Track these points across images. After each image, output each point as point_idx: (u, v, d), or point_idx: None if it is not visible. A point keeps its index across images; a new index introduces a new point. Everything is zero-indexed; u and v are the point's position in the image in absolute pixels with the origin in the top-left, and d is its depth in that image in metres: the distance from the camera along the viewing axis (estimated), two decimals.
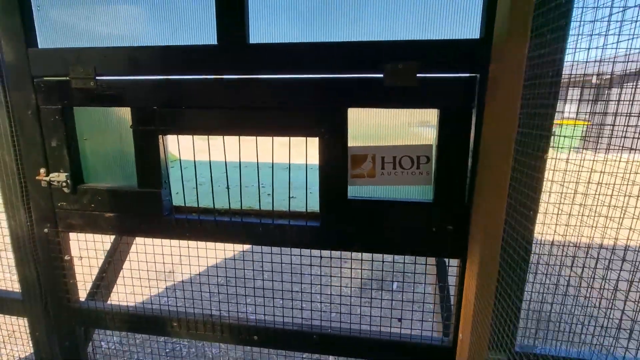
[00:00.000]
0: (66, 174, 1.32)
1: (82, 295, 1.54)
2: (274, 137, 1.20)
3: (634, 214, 1.01)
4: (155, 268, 1.44)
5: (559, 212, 1.11)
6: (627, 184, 1.05)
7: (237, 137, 1.23)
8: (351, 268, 1.41)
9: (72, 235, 1.45)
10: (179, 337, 1.42)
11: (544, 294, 1.10)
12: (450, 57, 1.05)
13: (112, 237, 1.76)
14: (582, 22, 0.96)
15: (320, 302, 1.28)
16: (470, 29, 1.08)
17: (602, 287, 0.99)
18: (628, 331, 1.04)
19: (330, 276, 1.28)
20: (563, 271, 1.12)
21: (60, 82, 1.24)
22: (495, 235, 0.93)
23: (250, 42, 1.16)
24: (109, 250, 1.62)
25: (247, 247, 1.34)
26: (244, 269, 1.34)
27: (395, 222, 1.17)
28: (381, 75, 1.08)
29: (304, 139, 1.18)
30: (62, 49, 1.24)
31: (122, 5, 1.25)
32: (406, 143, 1.18)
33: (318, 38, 1.16)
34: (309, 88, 1.13)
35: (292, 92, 1.14)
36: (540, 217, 1.14)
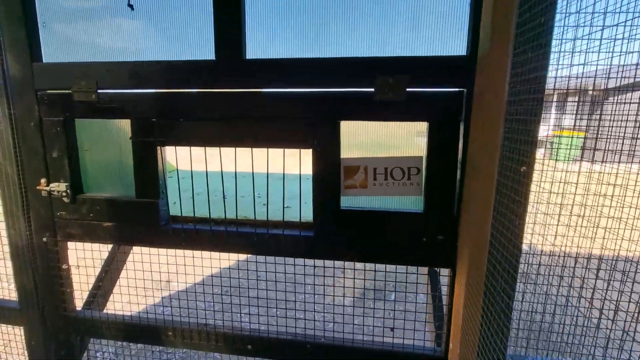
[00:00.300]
0: (66, 184, 1.35)
1: (79, 304, 1.55)
2: (269, 149, 1.23)
3: (601, 224, 1.03)
4: (152, 277, 1.46)
5: (546, 224, 1.13)
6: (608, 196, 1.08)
7: (233, 148, 1.26)
8: (344, 277, 1.43)
9: (70, 245, 1.47)
10: (174, 346, 1.43)
11: (533, 304, 1.12)
12: (438, 72, 1.09)
13: (110, 246, 1.78)
14: (562, 40, 1.00)
15: (314, 312, 1.29)
16: (457, 46, 1.12)
17: (593, 298, 1.01)
18: (618, 341, 1.06)
19: (324, 285, 1.30)
20: (554, 281, 1.14)
21: (63, 95, 1.29)
22: (482, 245, 0.95)
23: (247, 57, 1.21)
24: (106, 260, 1.64)
25: (242, 257, 1.36)
26: (238, 278, 1.36)
27: (387, 232, 1.19)
28: (372, 90, 1.12)
29: (300, 152, 1.22)
30: (65, 64, 1.29)
31: (124, 21, 1.31)
32: (402, 154, 1.21)
33: (312, 54, 1.20)
34: (303, 102, 1.17)
35: (286, 105, 1.18)
36: (534, 227, 1.16)
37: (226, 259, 1.35)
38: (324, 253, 1.24)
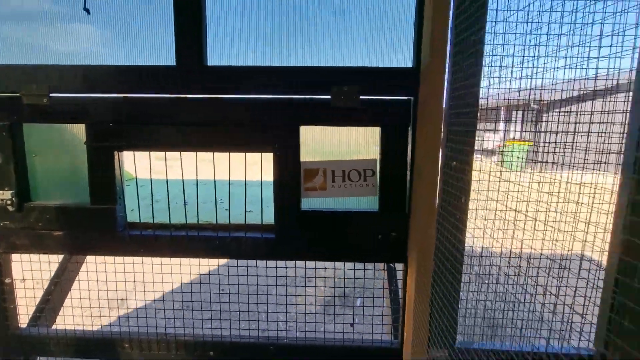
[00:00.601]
0: (12, 191, 1.28)
1: (25, 320, 1.45)
2: (230, 153, 1.26)
3: (535, 224, 1.17)
4: (107, 287, 1.40)
5: (486, 218, 1.25)
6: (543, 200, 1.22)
7: (195, 154, 1.27)
8: (305, 277, 1.46)
9: (16, 257, 1.38)
10: (131, 359, 1.37)
11: (477, 293, 1.22)
12: (388, 82, 1.19)
13: (61, 257, 1.68)
14: (493, 56, 1.14)
15: (276, 312, 1.31)
16: (405, 58, 1.24)
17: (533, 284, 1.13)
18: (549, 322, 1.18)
19: (286, 285, 1.32)
20: (494, 271, 1.25)
21: (10, 98, 1.23)
22: (429, 241, 1.04)
23: (208, 64, 1.24)
24: (56, 272, 1.54)
25: (204, 264, 1.35)
26: (200, 283, 1.35)
27: (345, 231, 1.25)
28: (329, 97, 1.20)
29: (261, 158, 1.25)
30: (13, 66, 1.24)
31: (80, 24, 1.29)
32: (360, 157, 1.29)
33: (272, 62, 1.26)
34: (264, 107, 1.22)
35: (247, 111, 1.22)
36: (475, 222, 1.28)
37: (187, 264, 1.33)
38: (286, 254, 1.27)
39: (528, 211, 1.27)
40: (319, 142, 1.30)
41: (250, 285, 1.32)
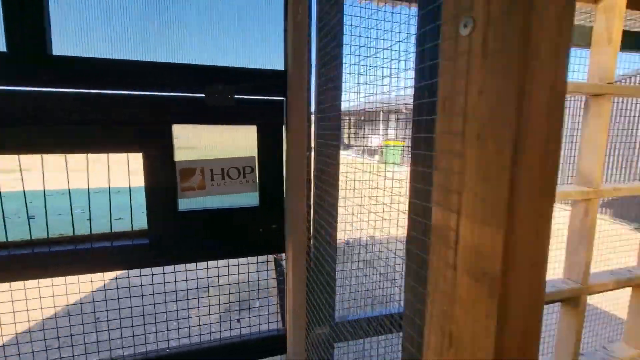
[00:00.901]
0: None
1: None
2: (88, 154, 1.12)
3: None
4: None
5: (352, 204, 1.45)
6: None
7: (40, 157, 1.08)
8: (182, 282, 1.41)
9: None
10: None
11: (350, 272, 1.40)
12: (263, 82, 1.26)
13: None
14: (351, 65, 1.32)
15: (155, 323, 1.22)
16: (278, 61, 1.33)
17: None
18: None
19: (164, 290, 1.25)
20: (360, 256, 1.45)
21: None
22: (301, 231, 1.15)
23: (54, 53, 1.08)
24: None
25: (59, 286, 1.17)
26: (68, 305, 1.16)
27: (227, 228, 1.26)
28: (203, 95, 1.19)
29: (128, 158, 1.15)
30: None
31: None
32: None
33: (139, 57, 1.18)
34: (128, 104, 1.12)
35: (110, 108, 1.11)
36: (345, 209, 1.45)
37: (47, 286, 1.13)
38: (163, 259, 1.20)
39: (385, 196, 1.52)
40: (199, 141, 1.28)
41: (133, 295, 1.20)
